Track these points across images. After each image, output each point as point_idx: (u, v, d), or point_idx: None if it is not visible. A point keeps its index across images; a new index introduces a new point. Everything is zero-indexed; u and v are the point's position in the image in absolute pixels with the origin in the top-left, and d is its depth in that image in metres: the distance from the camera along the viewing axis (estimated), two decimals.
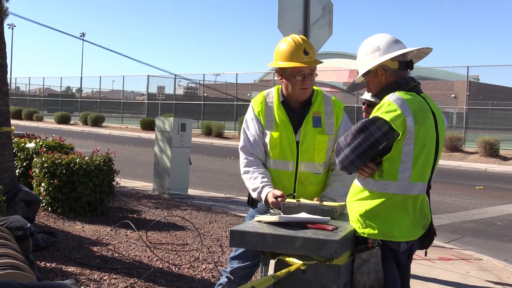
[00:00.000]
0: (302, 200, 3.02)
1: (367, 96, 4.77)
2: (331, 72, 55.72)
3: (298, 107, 3.18)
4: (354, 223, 2.72)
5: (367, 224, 2.66)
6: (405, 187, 2.63)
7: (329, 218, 2.79)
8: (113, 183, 7.25)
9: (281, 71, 3.15)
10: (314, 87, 3.28)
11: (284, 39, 3.18)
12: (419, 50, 2.82)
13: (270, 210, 3.01)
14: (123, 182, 9.97)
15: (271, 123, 3.17)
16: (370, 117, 2.65)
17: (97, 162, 6.99)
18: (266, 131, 3.18)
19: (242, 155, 3.25)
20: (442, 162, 18.28)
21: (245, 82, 46.17)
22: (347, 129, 3.20)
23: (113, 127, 35.83)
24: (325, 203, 2.94)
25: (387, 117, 2.57)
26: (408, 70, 2.81)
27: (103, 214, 7.08)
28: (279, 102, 3.19)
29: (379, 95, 2.81)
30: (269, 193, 3.04)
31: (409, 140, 2.60)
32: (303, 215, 2.83)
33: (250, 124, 3.24)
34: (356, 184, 2.77)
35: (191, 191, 9.97)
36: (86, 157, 7.05)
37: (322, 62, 3.22)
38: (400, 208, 2.65)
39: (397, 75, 2.78)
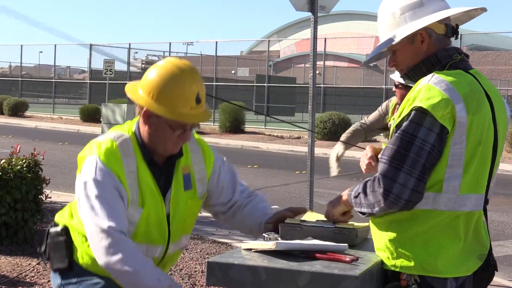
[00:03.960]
0: (308, 219, 3.03)
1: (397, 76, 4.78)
2: (349, 40, 55.84)
3: (161, 161, 3.05)
4: (382, 251, 2.74)
5: (400, 253, 2.68)
6: (454, 201, 2.65)
7: (346, 245, 2.81)
8: (41, 197, 7.22)
9: (150, 113, 2.93)
10: None
11: (168, 67, 2.93)
12: (466, 12, 2.84)
13: (264, 234, 3.03)
14: (55, 195, 9.95)
15: (135, 193, 2.96)
16: (403, 113, 2.64)
17: (18, 167, 6.96)
18: (130, 207, 2.96)
19: (114, 238, 2.82)
20: (504, 167, 18.37)
21: (229, 54, 46.18)
22: (224, 172, 3.23)
23: (40, 118, 35.72)
24: (340, 224, 2.96)
25: (428, 106, 2.58)
26: (451, 38, 2.83)
27: (27, 240, 7.06)
28: (143, 159, 2.98)
29: (412, 73, 2.81)
30: None
31: (460, 136, 2.61)
32: (309, 241, 2.84)
33: (108, 193, 2.88)
34: None
35: None
36: (2, 160, 7.03)
37: (211, 115, 3.06)
38: (447, 230, 2.67)
39: (441, 43, 2.78)
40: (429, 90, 2.61)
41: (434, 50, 2.77)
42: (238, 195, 3.29)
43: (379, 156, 2.67)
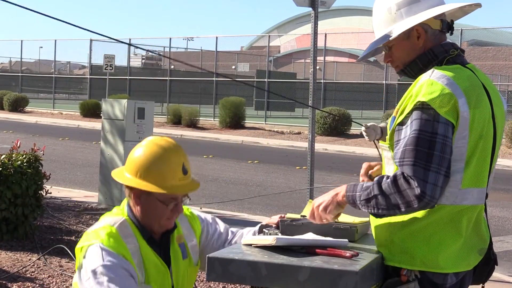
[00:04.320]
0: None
1: None
2: (349, 35, 55.81)
3: (158, 238, 3.07)
4: (382, 247, 2.74)
5: (401, 248, 2.68)
6: (455, 195, 2.65)
7: (346, 240, 2.81)
8: (41, 192, 7.22)
9: (140, 192, 2.95)
10: None
11: (149, 145, 2.99)
12: (461, 8, 2.85)
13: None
14: (56, 191, 9.96)
15: (142, 273, 2.94)
16: (406, 110, 2.63)
17: (18, 162, 6.97)
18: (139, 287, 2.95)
19: None
20: (504, 162, 18.39)
21: (229, 49, 46.20)
22: (210, 227, 3.28)
23: (40, 113, 35.72)
24: (341, 219, 2.96)
25: (432, 101, 2.57)
26: (447, 33, 2.83)
27: (27, 236, 7.06)
28: (142, 238, 2.98)
29: (409, 69, 2.81)
30: None
31: (463, 130, 2.62)
32: (310, 236, 2.84)
33: (120, 276, 2.83)
34: None
35: None
36: (2, 156, 7.03)
37: (200, 185, 3.06)
38: (448, 225, 2.67)
39: (436, 39, 2.79)
40: (431, 85, 2.61)
41: (430, 46, 2.78)
42: (233, 235, 3.32)
43: (397, 159, 2.61)
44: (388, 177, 2.60)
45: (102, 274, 2.81)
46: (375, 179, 2.65)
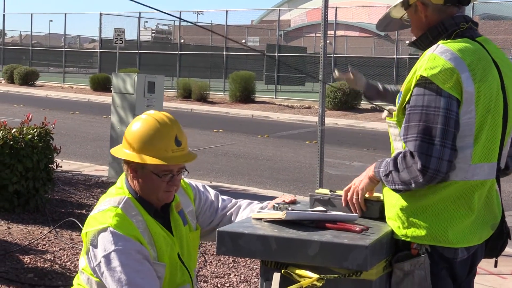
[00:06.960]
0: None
1: None
2: (360, 9, 55.56)
3: (159, 209, 3.08)
4: (393, 221, 2.74)
5: (411, 222, 2.68)
6: (466, 170, 2.64)
7: (356, 214, 2.81)
8: (52, 166, 7.26)
9: (135, 165, 2.97)
10: None
11: (143, 119, 3.01)
12: None
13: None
14: (66, 164, 10.00)
15: (153, 249, 2.94)
16: (411, 86, 2.64)
17: (29, 136, 6.99)
18: (154, 265, 2.93)
19: None
20: None
21: (239, 23, 46.02)
22: (201, 193, 3.29)
23: (51, 87, 35.77)
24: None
25: (433, 76, 2.57)
26: (460, 6, 2.79)
27: (38, 209, 7.11)
28: (147, 214, 2.98)
29: (419, 42, 2.82)
30: None
31: (469, 106, 2.61)
32: (319, 210, 2.85)
33: (134, 261, 2.82)
34: None
35: None
36: (13, 129, 7.05)
37: (196, 157, 3.04)
38: (459, 200, 2.67)
39: (442, 13, 2.77)
40: (434, 59, 2.61)
41: (436, 20, 2.78)
42: (225, 203, 3.33)
43: (402, 136, 2.63)
44: (400, 153, 2.62)
45: (114, 259, 2.80)
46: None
